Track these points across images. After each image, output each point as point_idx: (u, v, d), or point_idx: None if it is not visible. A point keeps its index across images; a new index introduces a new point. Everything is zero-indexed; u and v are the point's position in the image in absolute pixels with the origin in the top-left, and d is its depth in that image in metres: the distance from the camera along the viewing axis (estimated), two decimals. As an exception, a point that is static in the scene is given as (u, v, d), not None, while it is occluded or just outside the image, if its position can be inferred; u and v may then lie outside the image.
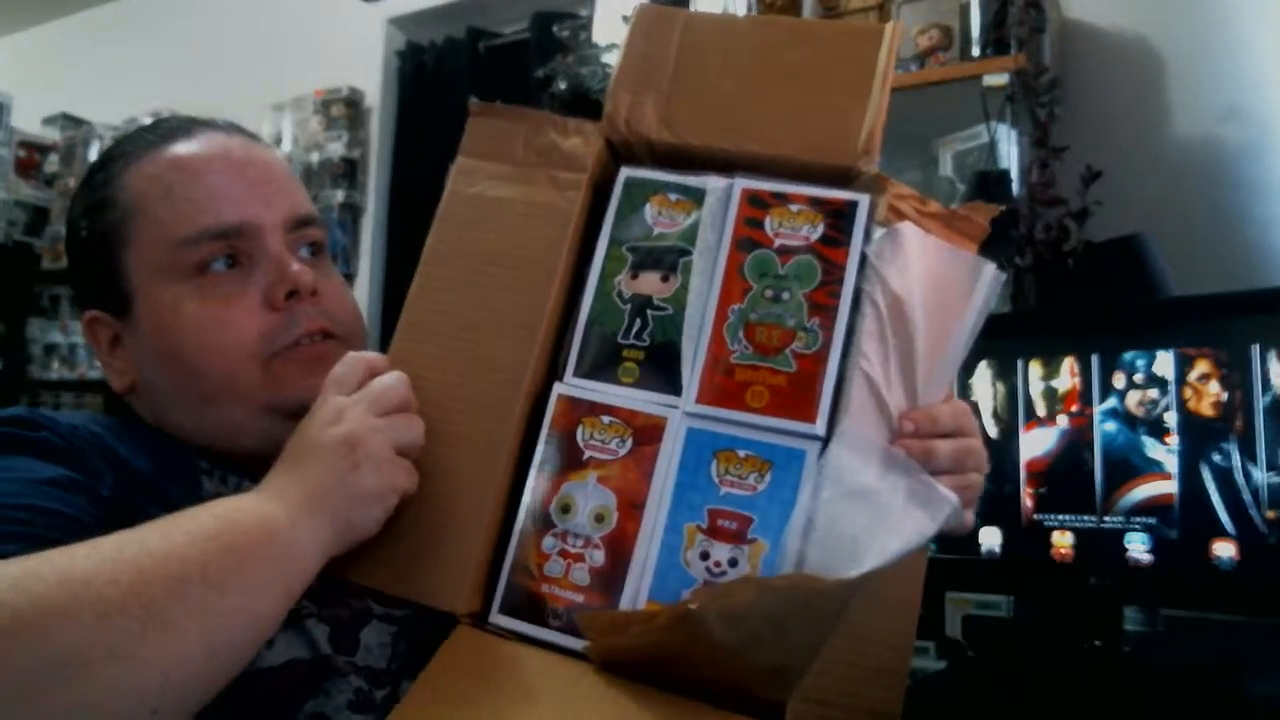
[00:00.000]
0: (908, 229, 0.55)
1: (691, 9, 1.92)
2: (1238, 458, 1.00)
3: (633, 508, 0.52)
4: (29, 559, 0.38)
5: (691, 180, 0.58)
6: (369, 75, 2.58)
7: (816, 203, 0.56)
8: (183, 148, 0.60)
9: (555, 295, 0.56)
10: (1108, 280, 1.30)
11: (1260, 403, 1.00)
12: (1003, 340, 1.17)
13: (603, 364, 0.55)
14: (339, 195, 2.50)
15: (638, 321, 0.56)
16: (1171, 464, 1.05)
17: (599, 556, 0.52)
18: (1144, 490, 1.06)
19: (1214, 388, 1.03)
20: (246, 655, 0.44)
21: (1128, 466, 1.07)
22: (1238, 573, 0.99)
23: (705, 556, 0.51)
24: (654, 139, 0.59)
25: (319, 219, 0.64)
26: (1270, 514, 0.98)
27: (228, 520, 0.44)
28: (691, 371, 0.54)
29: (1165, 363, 1.06)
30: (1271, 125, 1.54)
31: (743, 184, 0.57)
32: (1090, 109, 1.63)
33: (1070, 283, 1.33)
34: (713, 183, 0.58)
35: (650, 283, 0.56)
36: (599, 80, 1.87)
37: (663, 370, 0.54)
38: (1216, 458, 1.02)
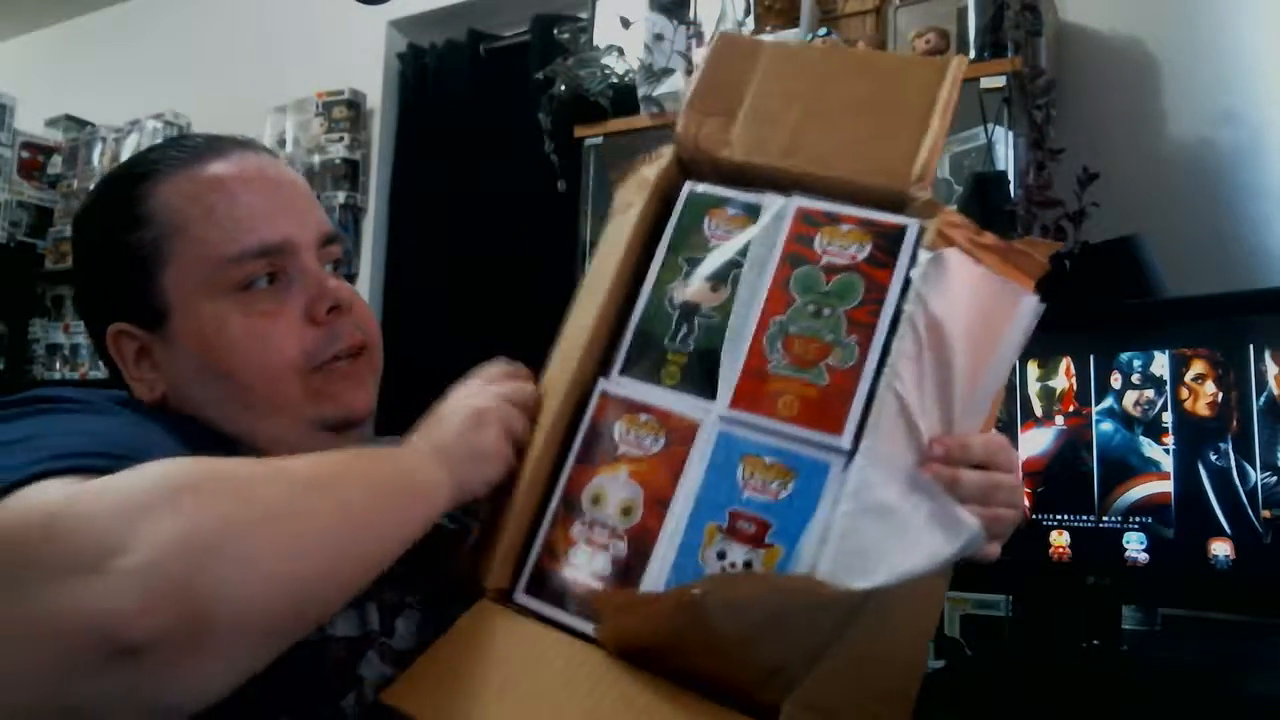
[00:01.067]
0: (953, 256, 0.55)
1: (691, 10, 1.93)
2: (1234, 457, 1.01)
3: (658, 504, 0.54)
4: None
5: (750, 197, 0.61)
6: (370, 78, 2.59)
7: (866, 224, 0.57)
8: (219, 167, 0.62)
9: (608, 297, 0.60)
10: (1104, 281, 1.30)
11: (1256, 403, 1.00)
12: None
13: (647, 365, 0.58)
14: (340, 197, 2.50)
15: (684, 327, 0.59)
16: (1168, 464, 1.05)
17: (622, 548, 0.54)
18: (1141, 490, 1.07)
19: (1210, 388, 1.04)
20: (363, 583, 0.47)
21: (1125, 466, 1.08)
22: (1234, 572, 0.99)
23: (722, 556, 0.52)
24: (719, 157, 0.61)
25: (342, 236, 0.68)
26: (1266, 513, 0.98)
27: (369, 456, 0.51)
28: (728, 377, 0.56)
29: (1161, 363, 1.07)
30: (1266, 127, 1.55)
31: (798, 203, 0.59)
32: (1087, 111, 1.64)
33: (1067, 284, 1.33)
34: (770, 200, 0.60)
35: (701, 292, 0.59)
36: (599, 83, 1.88)
37: (703, 375, 0.57)
38: (1213, 457, 1.02)
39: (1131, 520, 1.06)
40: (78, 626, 0.35)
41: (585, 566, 0.54)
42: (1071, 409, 1.12)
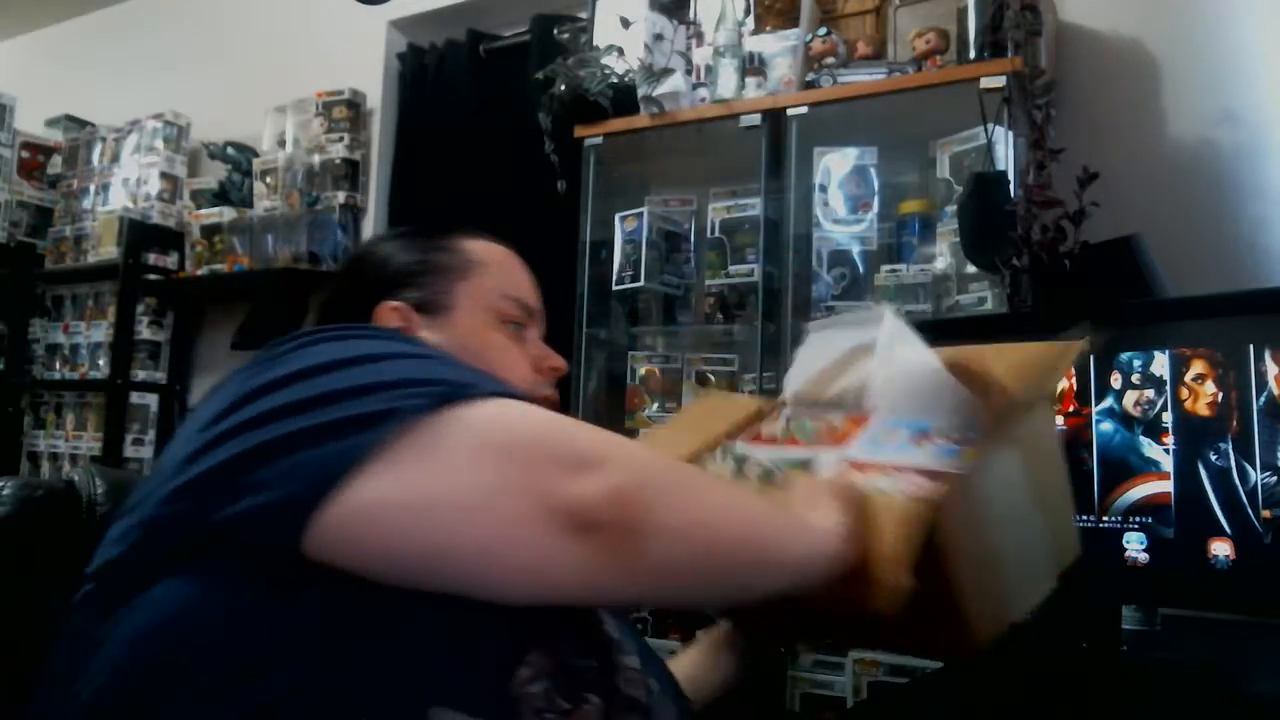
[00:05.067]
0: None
1: (691, 10, 1.93)
2: (1234, 457, 1.01)
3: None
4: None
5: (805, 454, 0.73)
6: (370, 77, 2.59)
7: None
8: (500, 246, 0.86)
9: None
10: (1104, 281, 1.30)
11: (1256, 403, 1.00)
12: (1000, 341, 1.17)
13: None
14: (340, 196, 2.50)
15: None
16: (1168, 464, 1.05)
17: None
18: (1141, 490, 1.06)
19: (1210, 388, 1.03)
20: (735, 593, 0.61)
21: (1125, 466, 1.08)
22: (1234, 572, 0.99)
23: None
24: None
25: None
26: (1266, 513, 0.98)
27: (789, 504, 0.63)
28: None
29: (1161, 363, 1.07)
30: (1266, 127, 1.55)
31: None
32: (1087, 111, 1.64)
33: (1067, 283, 1.33)
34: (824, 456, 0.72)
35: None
36: (599, 83, 1.88)
37: None
38: (1213, 457, 1.02)
39: (1131, 520, 1.06)
40: (564, 500, 0.47)
41: None
42: (1071, 409, 1.12)
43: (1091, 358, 1.11)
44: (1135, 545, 1.05)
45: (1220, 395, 1.02)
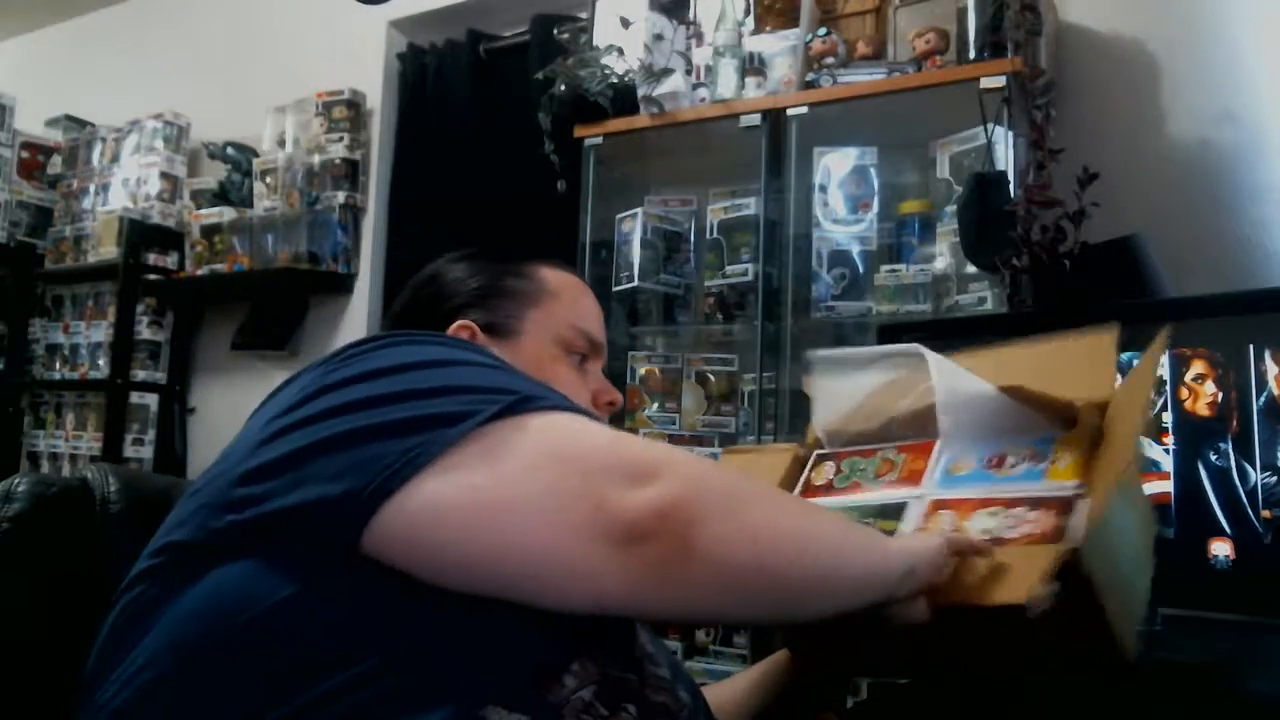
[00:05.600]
0: None
1: (691, 10, 1.93)
2: (1234, 457, 1.01)
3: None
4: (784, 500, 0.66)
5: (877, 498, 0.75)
6: (370, 78, 2.59)
7: None
8: (574, 277, 0.88)
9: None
10: (1104, 281, 1.30)
11: (1256, 403, 1.00)
12: (1000, 341, 1.17)
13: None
14: (340, 196, 2.50)
15: None
16: (1168, 464, 1.05)
17: None
18: (1141, 490, 1.07)
19: (1210, 388, 1.04)
20: (796, 610, 0.61)
21: (1124, 466, 1.08)
22: (1234, 571, 0.99)
23: None
24: None
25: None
26: (1266, 513, 0.98)
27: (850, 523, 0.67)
28: None
29: (1161, 363, 1.07)
30: (1266, 128, 1.55)
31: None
32: (1086, 111, 1.64)
33: (1067, 284, 1.33)
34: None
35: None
36: (599, 83, 1.88)
37: None
38: (1213, 457, 1.02)
39: (1131, 520, 1.06)
40: (616, 510, 0.48)
41: None
42: (1071, 409, 1.12)
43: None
44: (1135, 545, 1.05)
45: (1220, 395, 1.03)
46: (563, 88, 1.90)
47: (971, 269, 1.53)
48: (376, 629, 0.49)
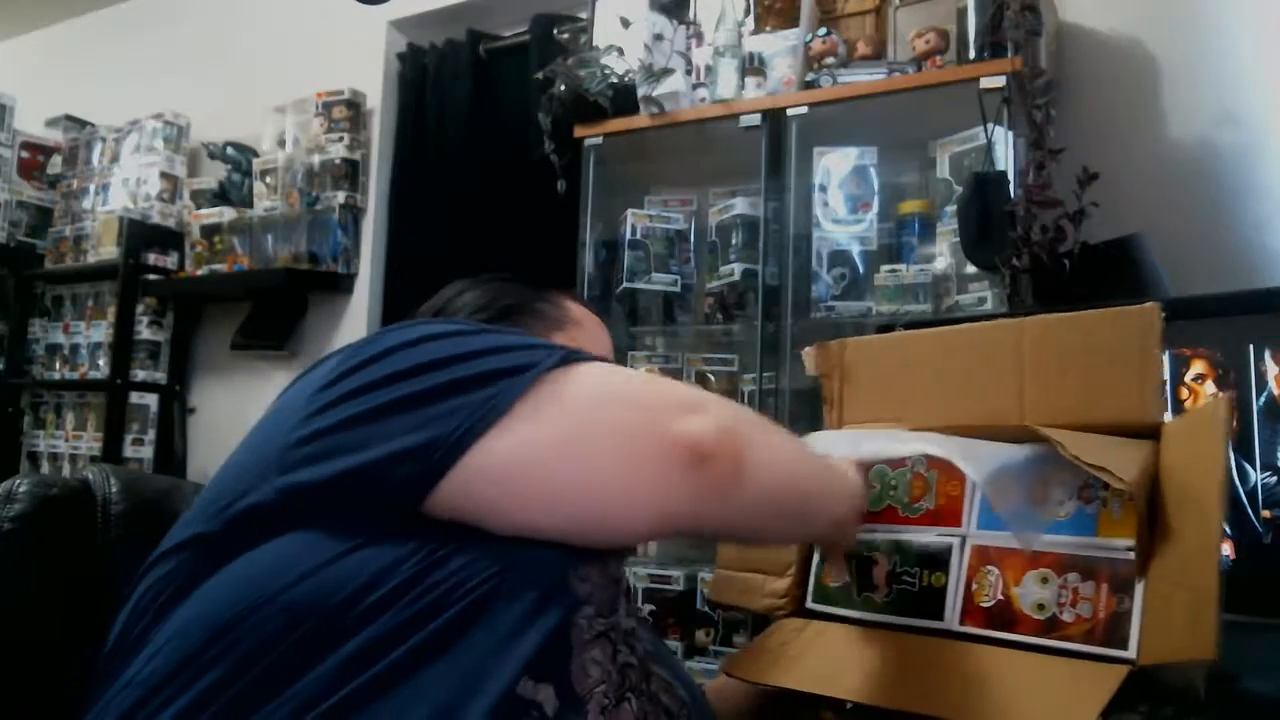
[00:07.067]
0: None
1: (691, 10, 1.93)
2: (1234, 457, 1.01)
3: None
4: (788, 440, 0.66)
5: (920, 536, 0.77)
6: (370, 78, 2.59)
7: None
8: (592, 313, 0.93)
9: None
10: (1104, 281, 1.30)
11: (1256, 403, 1.00)
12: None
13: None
14: (340, 196, 2.50)
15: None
16: (1168, 464, 1.05)
17: None
18: (1141, 490, 1.06)
19: (1210, 388, 1.04)
20: (794, 533, 0.73)
21: (1124, 466, 1.08)
22: (1234, 572, 0.99)
23: None
24: None
25: None
26: (1266, 513, 0.98)
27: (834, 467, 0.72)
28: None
29: (1162, 363, 1.07)
30: (1265, 128, 1.55)
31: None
32: (1086, 111, 1.64)
33: (1067, 284, 1.33)
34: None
35: None
36: (599, 83, 1.88)
37: None
38: (1213, 457, 1.02)
39: (1131, 520, 1.06)
40: (683, 436, 0.53)
41: None
42: (1071, 409, 1.12)
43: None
44: (1135, 545, 1.05)
45: (1220, 395, 1.02)
46: (563, 88, 1.90)
47: (971, 269, 1.53)
48: (423, 587, 0.50)
